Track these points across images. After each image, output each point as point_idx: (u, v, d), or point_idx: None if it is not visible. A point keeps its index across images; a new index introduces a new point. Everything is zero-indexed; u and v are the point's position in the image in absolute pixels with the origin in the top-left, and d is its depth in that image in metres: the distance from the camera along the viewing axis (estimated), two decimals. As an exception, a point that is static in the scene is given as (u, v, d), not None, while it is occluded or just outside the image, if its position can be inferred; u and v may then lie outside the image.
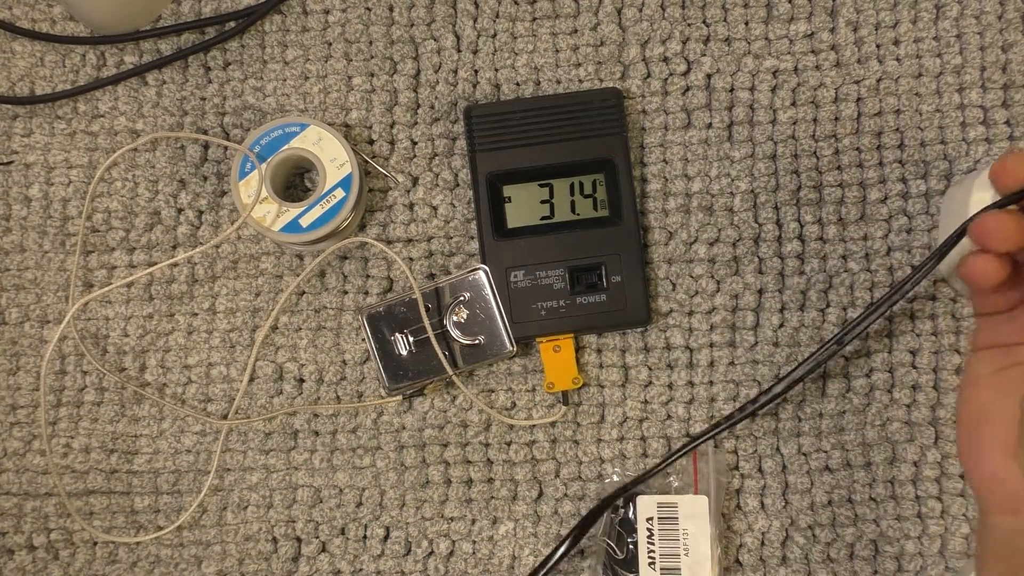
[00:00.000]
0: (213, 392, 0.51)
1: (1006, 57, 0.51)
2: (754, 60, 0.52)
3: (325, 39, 0.53)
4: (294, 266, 0.52)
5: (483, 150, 0.50)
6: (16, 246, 0.53)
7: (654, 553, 0.47)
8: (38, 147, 0.54)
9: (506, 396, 0.51)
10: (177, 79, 0.54)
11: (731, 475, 0.49)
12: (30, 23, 0.54)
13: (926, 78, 0.51)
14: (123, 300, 0.52)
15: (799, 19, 0.52)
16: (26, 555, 0.51)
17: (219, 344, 0.52)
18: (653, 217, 0.51)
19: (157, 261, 0.52)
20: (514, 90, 0.52)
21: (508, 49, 0.53)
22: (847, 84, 0.51)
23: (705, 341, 0.50)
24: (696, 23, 0.52)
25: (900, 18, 0.52)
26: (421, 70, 0.53)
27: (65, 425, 0.52)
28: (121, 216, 0.53)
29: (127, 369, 0.52)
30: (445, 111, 0.52)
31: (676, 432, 0.50)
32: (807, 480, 0.49)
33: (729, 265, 0.51)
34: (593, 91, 0.50)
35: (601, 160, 0.50)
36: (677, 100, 0.52)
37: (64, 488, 0.51)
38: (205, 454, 0.51)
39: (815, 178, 0.51)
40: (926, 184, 0.50)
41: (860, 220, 0.51)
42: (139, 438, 0.51)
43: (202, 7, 0.54)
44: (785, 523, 0.49)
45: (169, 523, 0.51)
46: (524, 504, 0.50)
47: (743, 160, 0.51)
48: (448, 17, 0.53)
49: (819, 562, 0.49)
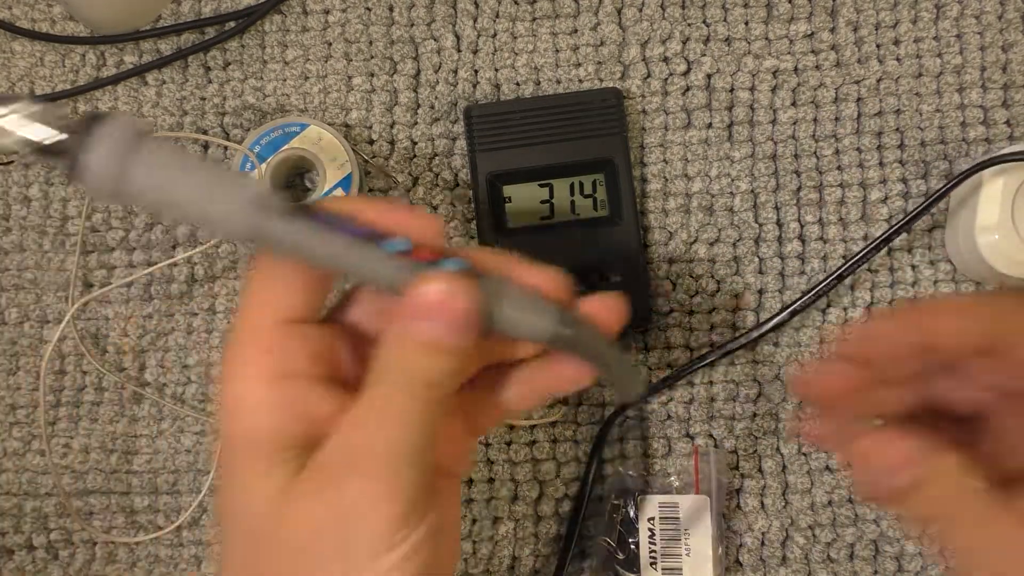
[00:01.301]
0: (213, 392, 0.51)
1: (1006, 57, 0.51)
2: (754, 60, 0.52)
3: (325, 39, 0.53)
4: (294, 266, 0.52)
5: (483, 150, 0.50)
6: (16, 246, 0.53)
7: (655, 553, 0.47)
8: (38, 147, 0.53)
9: (506, 396, 0.51)
10: (177, 79, 0.54)
11: (732, 475, 0.49)
12: (30, 23, 0.54)
13: (926, 78, 0.51)
14: (123, 300, 0.52)
15: (799, 19, 0.52)
16: (26, 555, 0.51)
17: (219, 344, 0.52)
18: (653, 217, 0.51)
19: (156, 261, 0.52)
20: (514, 90, 0.52)
21: (508, 49, 0.53)
22: (847, 84, 0.51)
23: (705, 341, 0.50)
24: (696, 23, 0.52)
25: (900, 18, 0.52)
26: (421, 70, 0.53)
27: (64, 425, 0.52)
28: (121, 216, 0.53)
29: (126, 369, 0.52)
30: (445, 111, 0.52)
31: (676, 432, 0.50)
32: (807, 480, 0.49)
33: (729, 265, 0.51)
34: (593, 91, 0.50)
35: (601, 160, 0.50)
36: (677, 100, 0.52)
37: (64, 488, 0.51)
38: (205, 454, 0.51)
39: (815, 178, 0.51)
40: (926, 184, 0.50)
41: (860, 220, 0.51)
42: (139, 438, 0.51)
43: (202, 7, 0.54)
44: (785, 523, 0.49)
45: (169, 523, 0.51)
46: (524, 504, 0.50)
47: (743, 160, 0.51)
48: (448, 17, 0.53)
49: (819, 562, 0.49)
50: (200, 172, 0.27)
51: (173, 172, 0.27)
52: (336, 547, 0.27)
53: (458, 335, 0.28)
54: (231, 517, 0.29)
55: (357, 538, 0.27)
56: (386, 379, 0.28)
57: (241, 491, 0.29)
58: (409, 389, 0.28)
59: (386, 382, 0.28)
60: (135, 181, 0.26)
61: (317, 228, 0.27)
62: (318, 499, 0.28)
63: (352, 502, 0.27)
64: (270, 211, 0.27)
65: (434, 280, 0.27)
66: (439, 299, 0.27)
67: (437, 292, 0.27)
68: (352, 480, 0.27)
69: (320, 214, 0.27)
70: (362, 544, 0.27)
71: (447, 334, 0.27)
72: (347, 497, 0.27)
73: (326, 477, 0.28)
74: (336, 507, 0.27)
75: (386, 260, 0.28)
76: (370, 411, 0.28)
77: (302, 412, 0.28)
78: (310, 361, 0.29)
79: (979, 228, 0.46)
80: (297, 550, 0.28)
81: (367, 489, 0.27)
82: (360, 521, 0.27)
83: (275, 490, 0.28)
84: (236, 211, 0.27)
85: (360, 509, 0.27)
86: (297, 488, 0.28)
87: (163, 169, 0.26)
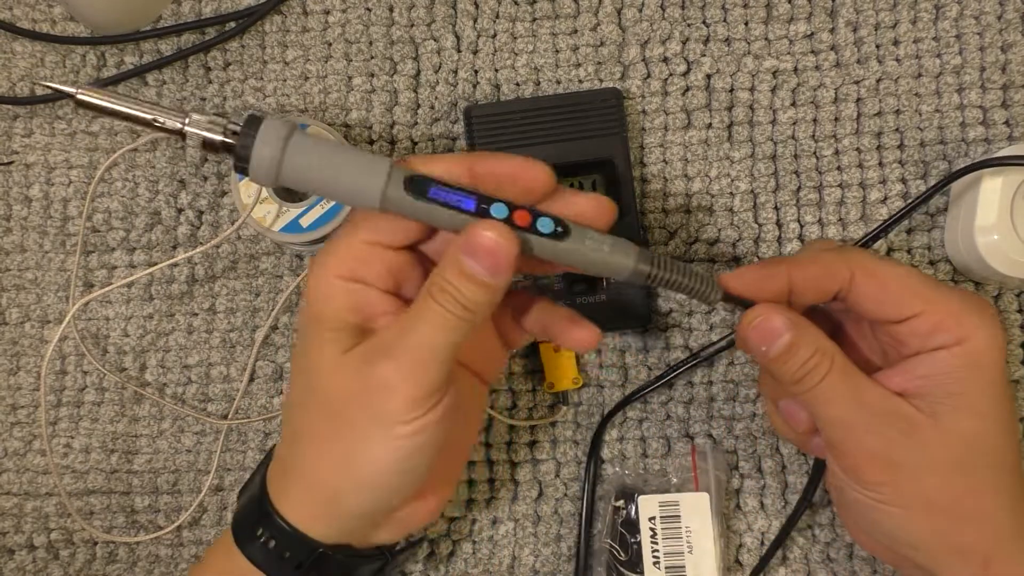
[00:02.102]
0: (213, 392, 0.51)
1: (1006, 57, 0.51)
2: (754, 60, 0.52)
3: (325, 39, 0.53)
4: (294, 266, 0.52)
5: (483, 150, 0.50)
6: (16, 246, 0.53)
7: (658, 552, 0.47)
8: (38, 147, 0.54)
9: (506, 396, 0.51)
10: (177, 79, 0.54)
11: (731, 474, 0.49)
12: (30, 23, 0.54)
13: (926, 78, 0.51)
14: (123, 300, 0.52)
15: (799, 19, 0.52)
16: (26, 555, 0.51)
17: (219, 344, 0.52)
18: (653, 217, 0.51)
19: (157, 261, 0.52)
20: (514, 90, 0.52)
21: (508, 49, 0.53)
22: (847, 84, 0.51)
23: (705, 341, 0.50)
24: (696, 23, 0.52)
25: (900, 18, 0.52)
26: (421, 70, 0.53)
27: (65, 425, 0.52)
28: (121, 216, 0.53)
29: (127, 369, 0.52)
30: (445, 111, 0.53)
31: (675, 432, 0.50)
32: (807, 480, 0.49)
33: (729, 265, 0.51)
34: (593, 91, 0.50)
35: (601, 160, 0.50)
36: (677, 100, 0.52)
37: (64, 488, 0.51)
38: (205, 454, 0.51)
39: (815, 178, 0.51)
40: (926, 184, 0.51)
41: (860, 220, 0.51)
42: (139, 438, 0.51)
43: (202, 7, 0.54)
44: (785, 523, 0.49)
45: (169, 523, 0.51)
46: (524, 504, 0.50)
47: (743, 160, 0.51)
48: (448, 17, 0.53)
49: (819, 562, 0.49)
50: (338, 156, 0.33)
51: (317, 158, 0.33)
52: (363, 412, 0.35)
53: (496, 276, 0.34)
54: (297, 371, 0.38)
55: (380, 408, 0.34)
56: (433, 292, 0.34)
57: (305, 354, 0.37)
58: (448, 305, 0.34)
59: (432, 295, 0.34)
60: (290, 167, 0.33)
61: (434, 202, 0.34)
62: (357, 371, 0.35)
63: (381, 379, 0.34)
64: (397, 187, 0.33)
65: (489, 228, 0.33)
66: (488, 244, 0.33)
67: (488, 238, 0.33)
68: (385, 363, 0.34)
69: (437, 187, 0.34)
70: (383, 414, 0.34)
71: (487, 273, 0.33)
72: (377, 374, 0.34)
73: (367, 357, 0.35)
74: (368, 380, 0.34)
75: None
76: (413, 314, 0.35)
77: (362, 307, 0.36)
78: (380, 275, 0.36)
79: (978, 228, 0.46)
80: (336, 406, 0.35)
81: (394, 371, 0.34)
82: (385, 394, 0.34)
83: (329, 357, 0.35)
84: (369, 188, 0.33)
85: (386, 385, 0.34)
86: (345, 359, 0.35)
87: (309, 156, 0.33)
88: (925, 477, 0.36)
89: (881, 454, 0.37)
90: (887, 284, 0.37)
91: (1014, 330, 0.49)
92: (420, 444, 0.35)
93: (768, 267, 0.38)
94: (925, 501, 0.37)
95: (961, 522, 0.37)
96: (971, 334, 0.36)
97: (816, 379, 0.36)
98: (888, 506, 0.37)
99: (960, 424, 0.36)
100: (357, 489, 0.36)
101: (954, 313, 0.36)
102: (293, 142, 0.33)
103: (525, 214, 0.34)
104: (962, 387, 0.36)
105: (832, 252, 0.38)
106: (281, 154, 0.33)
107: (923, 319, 0.36)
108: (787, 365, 0.37)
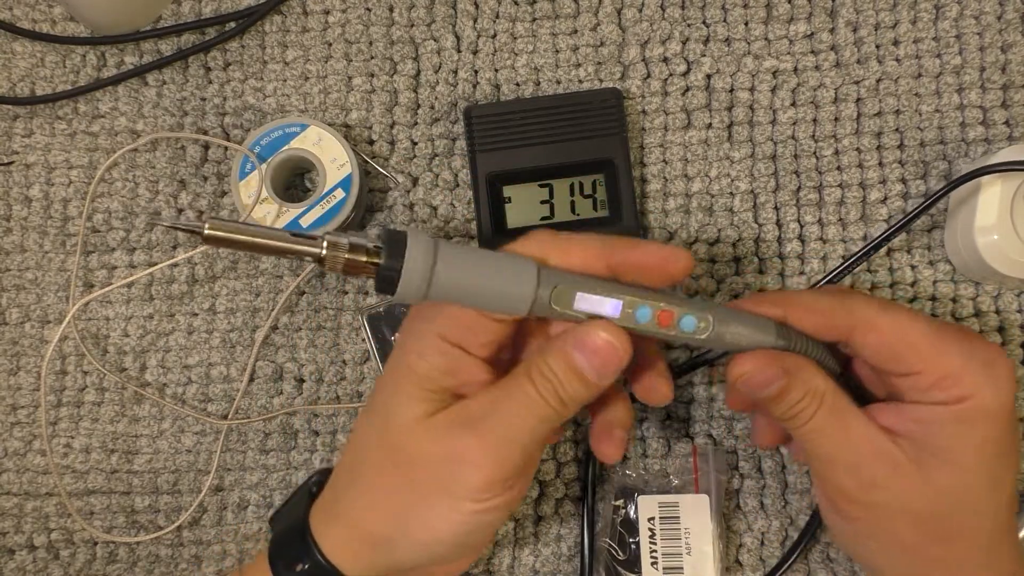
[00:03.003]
0: (213, 392, 0.51)
1: (1006, 57, 0.51)
2: (754, 60, 0.52)
3: (325, 39, 0.53)
4: (294, 266, 0.52)
5: (483, 150, 0.50)
6: (17, 246, 0.53)
7: (656, 553, 0.47)
8: (39, 147, 0.54)
9: (506, 396, 0.51)
10: (177, 79, 0.54)
11: (731, 474, 0.49)
12: (30, 23, 0.54)
13: (926, 78, 0.51)
14: (123, 300, 0.52)
15: (799, 19, 0.52)
16: (26, 555, 0.51)
17: (219, 344, 0.52)
18: (653, 217, 0.51)
19: (157, 261, 0.52)
20: (514, 90, 0.52)
21: (508, 49, 0.53)
22: (847, 84, 0.51)
23: (705, 341, 0.50)
24: (696, 23, 0.52)
25: (900, 18, 0.52)
26: (421, 70, 0.53)
27: (65, 425, 0.52)
28: (121, 216, 0.53)
29: (127, 369, 0.52)
30: (445, 111, 0.53)
31: (675, 432, 0.50)
32: (807, 480, 0.49)
33: (729, 265, 0.51)
34: (593, 91, 0.50)
35: (601, 160, 0.50)
36: (677, 100, 0.52)
37: (64, 488, 0.51)
38: (205, 454, 0.51)
39: (815, 178, 0.51)
40: (926, 184, 0.51)
41: (860, 220, 0.51)
42: (139, 438, 0.51)
43: (202, 7, 0.54)
44: (785, 523, 0.49)
45: (169, 523, 0.51)
46: (524, 504, 0.50)
47: (743, 160, 0.51)
48: (448, 17, 0.53)
49: (819, 562, 0.49)
50: (485, 265, 0.33)
51: (464, 271, 0.33)
52: (436, 478, 0.35)
53: (603, 378, 0.34)
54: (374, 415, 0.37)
55: (455, 480, 0.35)
56: (532, 375, 0.34)
57: (386, 403, 0.37)
58: (545, 392, 0.34)
59: (531, 377, 0.34)
60: (438, 285, 0.32)
61: (579, 313, 0.34)
62: (439, 438, 0.35)
63: (462, 452, 0.34)
64: (545, 297, 0.33)
65: (605, 329, 0.34)
66: (603, 347, 0.34)
67: (604, 340, 0.34)
68: (469, 437, 0.34)
69: (583, 296, 0.34)
70: (456, 487, 0.35)
71: (594, 373, 0.34)
72: (460, 447, 0.34)
73: (451, 425, 0.35)
74: (449, 450, 0.35)
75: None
76: (508, 392, 0.35)
77: (457, 372, 0.36)
78: (480, 344, 0.36)
79: (978, 229, 0.46)
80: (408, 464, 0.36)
81: (477, 448, 0.34)
82: (463, 468, 0.35)
83: (413, 415, 0.35)
84: (518, 299, 0.33)
85: (466, 459, 0.34)
86: (429, 422, 0.35)
87: (458, 270, 0.33)
88: (898, 519, 0.37)
89: (858, 495, 0.37)
90: (887, 339, 0.36)
91: (1014, 330, 0.49)
92: (485, 523, 0.36)
93: (767, 310, 0.38)
94: (897, 541, 0.37)
95: (929, 566, 0.37)
96: (973, 393, 0.35)
97: (804, 419, 0.36)
98: (862, 537, 0.38)
99: (942, 479, 0.36)
100: (411, 546, 0.37)
101: (955, 373, 0.35)
102: (442, 257, 0.32)
103: (669, 315, 0.35)
104: (951, 443, 0.35)
105: (834, 299, 0.38)
106: (431, 274, 0.32)
107: (923, 377, 0.36)
108: (778, 407, 0.37)
